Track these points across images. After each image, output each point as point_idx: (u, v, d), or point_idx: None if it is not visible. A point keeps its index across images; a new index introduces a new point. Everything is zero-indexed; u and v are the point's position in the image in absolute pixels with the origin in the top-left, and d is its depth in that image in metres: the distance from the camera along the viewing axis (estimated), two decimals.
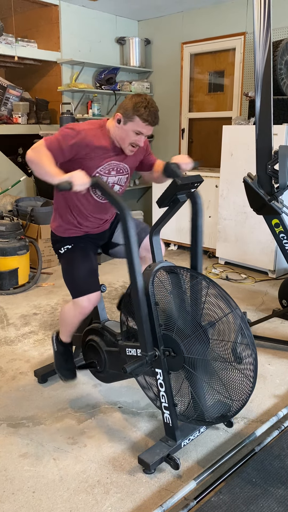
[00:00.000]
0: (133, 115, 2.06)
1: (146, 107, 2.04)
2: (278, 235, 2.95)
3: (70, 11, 5.35)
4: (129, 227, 1.88)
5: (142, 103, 2.04)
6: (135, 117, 2.06)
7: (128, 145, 2.14)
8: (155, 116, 2.08)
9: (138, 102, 2.05)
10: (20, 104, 5.33)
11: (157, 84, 6.14)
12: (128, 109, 2.07)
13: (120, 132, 2.13)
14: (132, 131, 2.10)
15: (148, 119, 2.06)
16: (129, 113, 2.07)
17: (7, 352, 2.98)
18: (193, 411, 2.00)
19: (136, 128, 2.08)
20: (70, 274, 2.28)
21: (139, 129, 2.08)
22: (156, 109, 2.08)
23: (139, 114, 2.05)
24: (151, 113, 2.05)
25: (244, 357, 1.83)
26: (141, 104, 2.04)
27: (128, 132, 2.10)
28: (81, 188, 1.91)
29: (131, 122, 2.08)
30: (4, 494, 1.83)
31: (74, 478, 1.92)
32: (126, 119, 2.08)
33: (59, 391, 2.54)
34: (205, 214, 4.95)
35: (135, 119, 2.06)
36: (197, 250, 2.12)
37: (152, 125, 2.09)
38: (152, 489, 1.87)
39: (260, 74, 2.76)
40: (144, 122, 2.06)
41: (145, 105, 2.04)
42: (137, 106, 2.05)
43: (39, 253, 4.33)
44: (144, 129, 2.09)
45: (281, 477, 1.88)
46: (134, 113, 2.05)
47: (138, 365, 1.96)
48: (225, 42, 5.36)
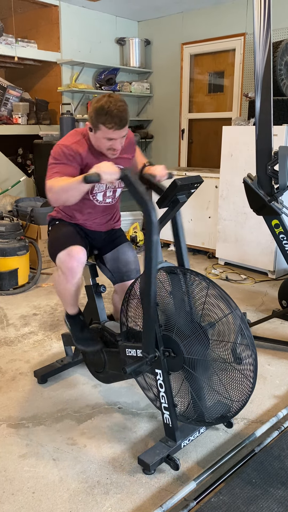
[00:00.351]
0: (97, 123, 2.02)
1: (107, 112, 1.97)
2: (278, 236, 2.95)
3: (70, 11, 5.36)
4: (152, 228, 1.84)
5: (103, 109, 1.97)
6: (100, 125, 2.01)
7: (106, 151, 2.12)
8: (120, 119, 1.99)
9: (99, 108, 1.98)
10: (20, 104, 5.33)
11: (157, 85, 6.15)
12: (92, 117, 2.03)
13: (95, 140, 2.11)
14: (103, 138, 2.06)
15: (112, 125, 2.00)
16: (94, 122, 2.03)
17: (7, 352, 2.98)
18: (193, 412, 2.00)
19: (105, 135, 2.04)
20: (51, 240, 2.26)
21: (108, 135, 2.04)
22: (119, 109, 1.98)
23: (102, 122, 2.00)
24: (114, 118, 1.98)
25: (244, 357, 1.83)
26: (101, 110, 1.98)
27: (100, 140, 2.08)
28: (110, 178, 1.86)
29: (99, 131, 2.04)
30: (4, 495, 1.83)
31: (74, 479, 1.92)
32: (94, 128, 2.05)
33: (59, 392, 2.54)
34: (205, 215, 4.95)
35: (101, 127, 2.02)
36: (181, 248, 2.12)
37: (120, 128, 2.03)
38: (152, 489, 1.87)
39: (260, 74, 2.76)
40: (110, 129, 2.01)
41: (106, 110, 1.96)
42: (98, 114, 1.99)
43: (39, 254, 4.33)
44: (114, 134, 2.04)
45: (281, 477, 1.88)
46: (98, 122, 2.01)
47: (138, 365, 1.96)
48: (225, 43, 5.37)
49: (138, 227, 5.19)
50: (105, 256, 2.44)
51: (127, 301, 2.18)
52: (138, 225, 5.20)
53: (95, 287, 2.42)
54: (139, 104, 6.41)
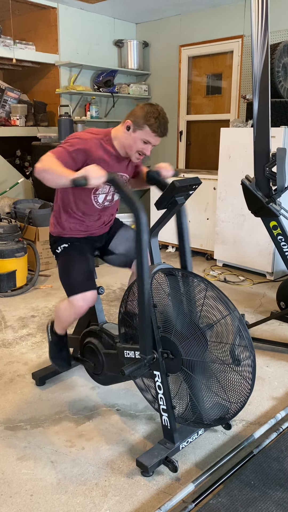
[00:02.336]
0: (143, 124, 2.06)
1: (157, 118, 2.05)
2: (276, 237, 2.96)
3: (68, 13, 5.37)
4: (142, 229, 1.85)
5: (154, 113, 2.05)
6: (145, 126, 2.06)
7: (135, 153, 2.15)
8: (164, 128, 2.09)
9: (150, 112, 2.06)
10: (18, 106, 5.33)
11: (155, 87, 6.16)
12: (138, 117, 2.07)
13: (128, 139, 2.13)
14: (140, 140, 2.10)
15: (158, 130, 2.07)
16: (140, 122, 2.07)
17: (4, 354, 2.97)
18: (191, 414, 2.00)
19: (145, 137, 2.09)
20: (65, 272, 2.27)
21: (147, 138, 2.09)
22: (166, 120, 2.09)
23: (149, 124, 2.05)
24: (161, 124, 2.06)
25: (242, 359, 1.83)
26: (152, 114, 2.05)
27: (136, 140, 2.11)
28: (97, 182, 1.88)
29: (141, 131, 2.08)
30: (1, 498, 1.82)
31: (72, 481, 1.91)
32: (136, 127, 2.09)
33: (57, 394, 2.54)
34: (203, 217, 4.95)
35: (144, 128, 2.07)
36: (185, 250, 2.13)
37: (161, 136, 2.10)
38: (150, 491, 1.86)
39: (257, 76, 2.76)
40: (153, 132, 2.07)
41: (156, 115, 2.05)
42: (148, 116, 2.05)
43: (37, 255, 4.33)
44: (153, 139, 2.10)
45: (279, 479, 1.87)
46: (145, 122, 2.06)
47: (136, 367, 1.95)
48: (223, 45, 5.38)
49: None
50: (110, 246, 2.46)
51: (125, 302, 2.18)
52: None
53: None
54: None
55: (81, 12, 5.49)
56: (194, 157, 6.05)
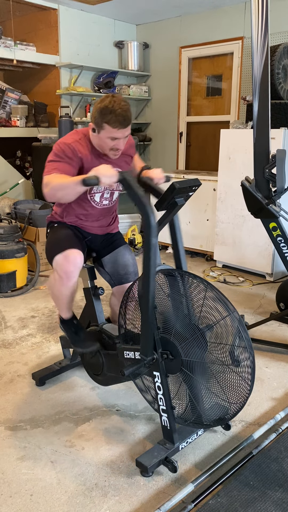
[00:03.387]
0: (102, 123, 2.03)
1: (112, 111, 1.98)
2: (275, 239, 2.97)
3: (69, 15, 5.38)
4: (151, 231, 1.84)
5: (107, 108, 1.98)
6: (104, 125, 2.03)
7: (109, 151, 2.13)
8: (124, 118, 2.01)
9: (103, 108, 2.00)
10: (18, 107, 5.34)
11: (155, 88, 6.17)
12: (96, 117, 2.04)
13: (98, 140, 2.12)
14: (106, 138, 2.07)
15: (117, 124, 2.01)
16: (99, 122, 2.04)
17: (4, 355, 2.97)
18: (191, 414, 2.01)
19: (109, 134, 2.05)
20: (49, 243, 2.26)
21: (112, 135, 2.05)
22: (123, 109, 1.99)
23: (107, 121, 2.01)
24: (118, 117, 1.99)
25: (241, 360, 1.83)
26: (106, 110, 1.99)
27: (103, 140, 2.08)
28: (109, 181, 1.87)
29: (103, 130, 2.05)
30: (1, 497, 1.83)
31: (72, 481, 1.92)
32: (98, 128, 2.06)
33: (57, 394, 2.54)
34: (203, 218, 4.96)
35: (105, 127, 2.03)
36: (179, 250, 2.13)
37: (125, 127, 2.04)
38: (150, 492, 1.87)
39: (257, 78, 2.77)
40: (114, 128, 2.02)
41: (111, 110, 1.98)
42: (103, 113, 2.00)
43: (37, 256, 4.33)
44: (118, 134, 2.05)
45: (278, 480, 1.88)
46: (102, 121, 2.02)
47: (136, 368, 1.96)
48: (223, 47, 5.39)
49: (136, 230, 5.20)
50: (103, 259, 2.44)
51: (125, 304, 2.19)
52: (136, 227, 5.20)
53: (93, 290, 2.42)
54: (137, 107, 6.42)
55: (82, 13, 5.50)
56: (194, 158, 6.05)
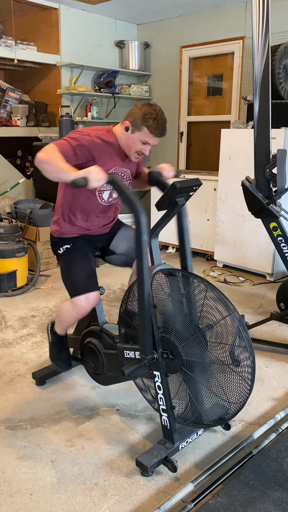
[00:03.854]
0: (141, 125, 2.08)
1: (155, 118, 2.06)
2: (276, 239, 2.97)
3: (69, 14, 5.38)
4: (142, 229, 1.86)
5: (152, 114, 2.06)
6: (143, 127, 2.08)
7: (134, 153, 2.17)
8: (163, 128, 2.10)
9: (148, 112, 2.06)
10: (19, 106, 5.34)
11: (156, 88, 6.17)
12: (137, 118, 2.08)
13: (127, 139, 2.15)
14: (138, 140, 2.12)
15: (156, 131, 2.08)
16: (138, 123, 2.08)
17: (5, 354, 2.98)
18: (191, 414, 2.01)
19: (143, 138, 2.11)
20: (68, 273, 2.27)
21: (146, 139, 2.11)
22: (164, 120, 2.10)
23: (147, 125, 2.06)
24: (159, 125, 2.07)
25: (242, 360, 1.83)
26: (150, 115, 2.06)
27: (134, 141, 2.13)
28: (98, 184, 1.89)
29: (139, 132, 2.09)
30: (1, 497, 1.83)
31: (72, 481, 1.92)
32: (134, 128, 2.10)
33: (57, 394, 2.54)
34: (204, 217, 4.96)
35: (143, 130, 2.08)
36: (185, 251, 2.14)
37: (159, 137, 2.11)
38: (149, 491, 1.87)
39: (258, 78, 2.77)
40: (151, 133, 2.08)
41: (155, 116, 2.06)
42: (146, 117, 2.06)
43: (37, 256, 4.34)
44: (151, 140, 2.12)
45: (278, 479, 1.88)
46: (143, 124, 2.07)
47: (136, 367, 1.96)
48: (224, 46, 5.39)
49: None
50: (110, 246, 2.46)
51: (125, 303, 2.19)
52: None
53: None
54: None
55: (83, 13, 5.50)
56: (195, 158, 6.05)
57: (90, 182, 1.86)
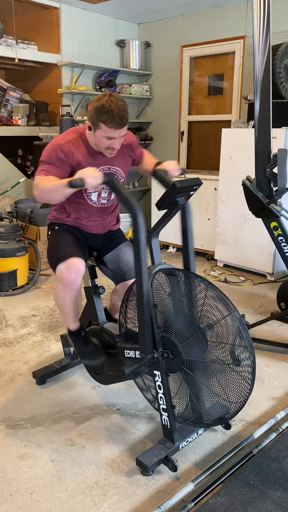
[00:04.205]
0: (98, 122, 2.02)
1: (109, 111, 1.97)
2: (276, 238, 2.96)
3: (70, 13, 5.37)
4: (139, 228, 1.86)
5: (104, 108, 1.97)
6: (100, 124, 2.02)
7: (105, 150, 2.13)
8: (120, 118, 1.99)
9: (100, 107, 1.99)
10: (20, 106, 5.34)
11: (157, 87, 6.16)
12: (92, 116, 2.03)
13: (94, 139, 2.12)
14: (102, 137, 2.07)
15: (113, 124, 2.00)
16: (95, 121, 2.03)
17: (5, 353, 2.98)
18: (191, 413, 2.01)
19: (105, 134, 2.05)
20: (50, 249, 2.26)
21: (108, 134, 2.05)
22: (120, 109, 1.98)
23: (103, 121, 2.00)
24: (115, 117, 1.98)
25: (242, 359, 1.83)
26: (102, 109, 1.98)
27: (99, 139, 2.08)
28: (94, 183, 1.89)
29: (99, 130, 2.04)
30: (2, 496, 1.83)
31: (72, 480, 1.92)
32: (94, 127, 2.06)
33: (57, 393, 2.54)
34: (204, 217, 4.96)
35: (101, 126, 2.03)
36: (188, 251, 2.13)
37: (121, 127, 2.03)
38: (150, 491, 1.87)
39: (259, 77, 2.77)
40: (110, 128, 2.02)
41: (107, 109, 1.96)
42: (99, 113, 1.99)
43: (38, 255, 4.34)
44: (114, 133, 2.04)
45: (278, 479, 1.88)
46: (99, 120, 2.01)
47: (136, 367, 1.96)
48: (224, 46, 5.38)
49: None
50: (105, 257, 2.44)
51: (126, 303, 2.19)
52: None
53: (94, 289, 2.42)
54: (138, 106, 6.42)
55: (83, 12, 5.49)
56: (195, 157, 6.05)
57: (86, 181, 1.86)
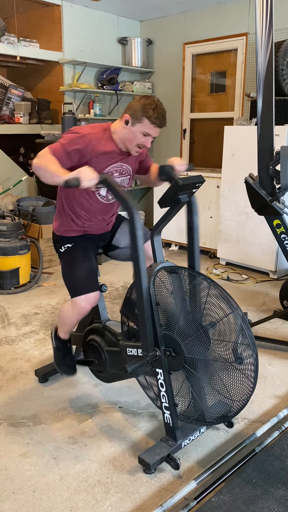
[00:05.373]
0: (141, 116, 2.07)
1: (155, 109, 2.06)
2: (279, 236, 2.95)
3: (72, 11, 5.36)
4: (136, 226, 1.87)
5: (151, 105, 2.06)
6: (143, 118, 2.07)
7: (135, 146, 2.16)
8: (163, 118, 2.09)
9: (147, 104, 2.06)
10: (22, 104, 5.33)
11: (159, 85, 6.15)
12: (136, 110, 2.08)
13: (128, 133, 2.14)
14: (139, 133, 2.11)
15: (157, 121, 2.07)
16: (138, 115, 2.08)
17: (8, 351, 2.98)
18: (193, 411, 2.00)
19: (144, 129, 2.10)
20: (69, 273, 2.28)
21: (147, 130, 2.10)
22: (164, 111, 2.10)
23: (147, 116, 2.06)
24: (159, 115, 2.07)
25: (244, 357, 1.83)
26: (149, 106, 2.06)
27: (135, 134, 2.12)
28: (89, 184, 1.89)
29: (140, 124, 2.09)
30: (4, 493, 1.83)
31: (75, 478, 1.92)
32: (135, 121, 2.09)
33: (59, 391, 2.54)
34: (207, 215, 4.95)
35: (143, 121, 2.08)
36: (194, 250, 2.12)
37: (160, 127, 2.11)
38: (152, 489, 1.87)
39: (262, 74, 2.76)
40: (152, 124, 2.08)
41: (154, 107, 2.06)
42: (145, 108, 2.06)
43: (40, 253, 4.34)
44: (152, 131, 2.11)
45: (281, 477, 1.88)
46: (143, 115, 2.07)
47: (139, 365, 1.96)
48: (227, 43, 5.36)
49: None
50: (113, 241, 2.47)
51: (127, 300, 2.18)
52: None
53: None
54: None
55: (85, 10, 5.48)
56: (198, 155, 6.03)
57: (82, 182, 1.86)
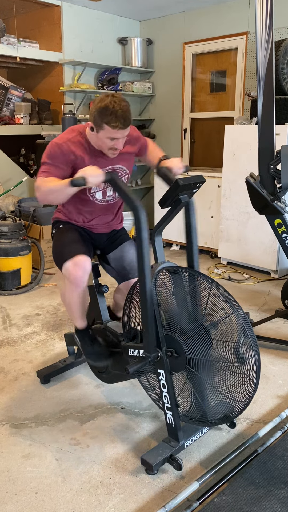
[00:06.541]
0: (101, 123, 2.00)
1: (112, 113, 1.95)
2: (280, 235, 2.95)
3: (72, 11, 5.36)
4: (142, 226, 1.86)
5: (108, 109, 1.95)
6: (103, 125, 2.00)
7: (108, 150, 2.11)
8: (124, 119, 1.98)
9: (103, 108, 1.97)
10: (22, 104, 5.33)
11: (159, 84, 6.14)
12: (96, 117, 2.01)
13: (96, 139, 2.10)
14: (106, 138, 2.05)
15: (118, 125, 1.98)
16: (98, 122, 2.01)
17: (9, 352, 2.98)
18: (195, 412, 2.00)
19: (109, 135, 2.03)
20: (56, 246, 2.26)
21: (111, 135, 2.03)
22: (123, 110, 1.97)
23: (106, 122, 1.98)
24: (118, 118, 1.96)
25: (246, 357, 1.82)
26: (106, 110, 1.96)
27: (103, 140, 2.06)
28: (96, 181, 1.88)
29: (102, 130, 2.02)
30: (7, 495, 1.83)
31: (77, 479, 1.92)
32: (97, 128, 2.03)
33: (61, 392, 2.54)
34: (208, 214, 4.94)
35: (105, 127, 2.00)
36: (192, 249, 2.12)
37: (124, 128, 2.02)
38: (154, 490, 1.86)
39: (262, 74, 2.75)
40: (114, 128, 1.99)
41: (111, 110, 1.95)
42: (102, 114, 1.97)
43: (41, 254, 4.33)
44: (117, 134, 2.02)
45: (284, 478, 1.87)
46: (102, 121, 1.99)
47: (140, 365, 1.95)
48: (227, 42, 5.35)
49: None
50: (108, 255, 2.43)
51: (129, 301, 2.18)
52: None
53: (97, 287, 2.41)
54: (141, 103, 6.40)
55: (85, 10, 5.47)
56: (198, 154, 6.03)
57: (88, 180, 1.86)
